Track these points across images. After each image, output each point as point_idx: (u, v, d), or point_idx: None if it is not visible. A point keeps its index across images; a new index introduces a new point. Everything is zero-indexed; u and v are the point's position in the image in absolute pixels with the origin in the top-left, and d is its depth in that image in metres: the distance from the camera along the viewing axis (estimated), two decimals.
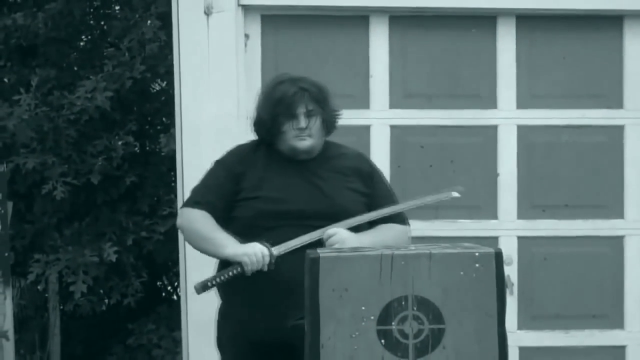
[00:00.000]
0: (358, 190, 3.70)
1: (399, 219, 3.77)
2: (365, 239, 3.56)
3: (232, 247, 3.53)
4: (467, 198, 5.02)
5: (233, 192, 3.65)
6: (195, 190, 3.76)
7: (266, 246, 3.49)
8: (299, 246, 3.48)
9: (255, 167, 3.67)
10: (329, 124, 3.72)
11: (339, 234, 3.51)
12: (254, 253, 3.47)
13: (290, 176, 3.64)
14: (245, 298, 3.60)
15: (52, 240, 6.15)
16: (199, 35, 4.84)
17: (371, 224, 3.70)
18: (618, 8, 5.03)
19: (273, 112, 3.62)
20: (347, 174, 3.71)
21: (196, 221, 3.66)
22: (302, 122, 3.61)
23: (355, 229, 3.59)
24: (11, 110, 5.95)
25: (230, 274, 3.50)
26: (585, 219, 5.13)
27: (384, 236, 3.64)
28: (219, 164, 3.79)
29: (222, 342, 3.81)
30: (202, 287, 3.55)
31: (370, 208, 3.70)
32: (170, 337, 6.28)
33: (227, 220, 3.65)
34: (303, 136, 3.62)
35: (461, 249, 3.05)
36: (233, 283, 3.56)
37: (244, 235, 3.57)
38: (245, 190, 3.62)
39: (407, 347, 2.95)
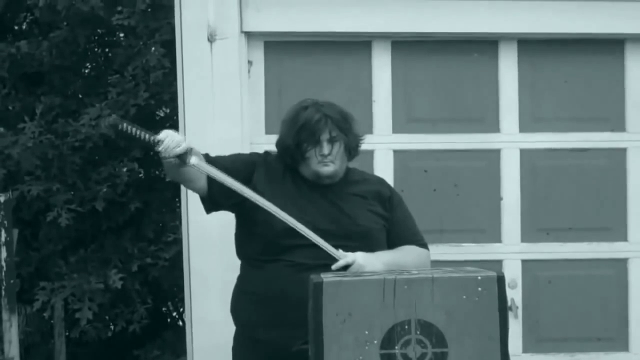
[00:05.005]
0: (378, 213, 3.76)
1: (420, 242, 3.83)
2: (385, 257, 3.61)
3: None
4: (471, 222, 5.08)
5: (248, 174, 3.71)
6: None
7: (189, 147, 3.56)
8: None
9: (280, 181, 3.73)
10: (351, 150, 3.76)
11: (357, 262, 3.53)
12: (171, 135, 3.52)
13: (314, 198, 3.69)
14: (260, 318, 3.63)
15: (57, 267, 6.17)
16: (203, 62, 4.86)
17: (391, 246, 3.75)
18: (619, 32, 5.04)
19: (297, 138, 3.66)
20: (367, 197, 3.77)
21: None
22: (326, 149, 3.66)
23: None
24: (16, 138, 5.98)
25: (146, 135, 3.53)
26: (590, 242, 5.12)
27: (406, 257, 3.70)
28: (251, 152, 4.01)
29: None
30: (114, 125, 3.55)
31: (388, 232, 3.77)
32: None
33: (249, 237, 3.70)
34: (326, 162, 3.67)
35: (463, 273, 3.06)
36: (250, 304, 3.64)
37: (265, 254, 3.63)
38: (265, 197, 3.64)
39: None
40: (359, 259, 3.53)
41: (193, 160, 3.57)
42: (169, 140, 3.50)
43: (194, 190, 3.78)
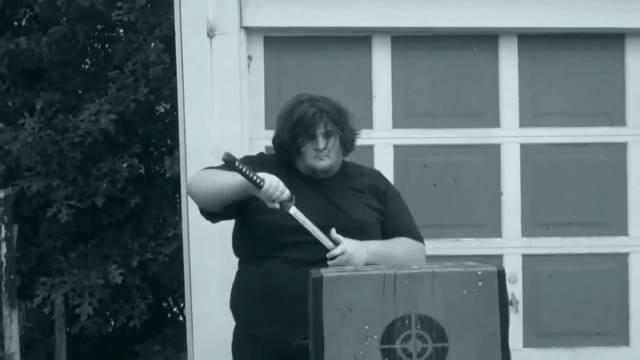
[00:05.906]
0: (373, 206, 3.75)
1: (415, 236, 3.81)
2: (372, 247, 3.59)
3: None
4: (471, 216, 5.08)
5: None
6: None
7: (291, 194, 3.47)
8: (310, 231, 3.50)
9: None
10: (347, 144, 3.76)
11: (345, 253, 3.51)
12: (276, 181, 3.42)
13: (310, 194, 3.67)
14: (259, 314, 3.63)
15: (57, 263, 6.17)
16: (203, 57, 4.85)
17: (385, 238, 3.73)
18: (619, 26, 5.04)
19: (292, 132, 3.65)
20: (363, 191, 3.77)
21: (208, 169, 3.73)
22: (321, 143, 3.65)
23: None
24: (15, 134, 5.98)
25: (253, 176, 3.37)
26: (590, 237, 5.12)
27: (397, 248, 3.69)
28: (246, 155, 3.94)
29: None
30: (229, 160, 3.37)
31: (383, 225, 3.76)
32: (176, 358, 6.28)
33: (246, 235, 3.70)
34: (321, 156, 3.66)
35: (464, 268, 3.05)
36: (248, 300, 3.64)
37: (262, 251, 3.62)
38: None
39: None
40: (349, 247, 3.52)
41: (293, 209, 3.51)
42: (272, 182, 3.41)
43: (205, 208, 3.75)
